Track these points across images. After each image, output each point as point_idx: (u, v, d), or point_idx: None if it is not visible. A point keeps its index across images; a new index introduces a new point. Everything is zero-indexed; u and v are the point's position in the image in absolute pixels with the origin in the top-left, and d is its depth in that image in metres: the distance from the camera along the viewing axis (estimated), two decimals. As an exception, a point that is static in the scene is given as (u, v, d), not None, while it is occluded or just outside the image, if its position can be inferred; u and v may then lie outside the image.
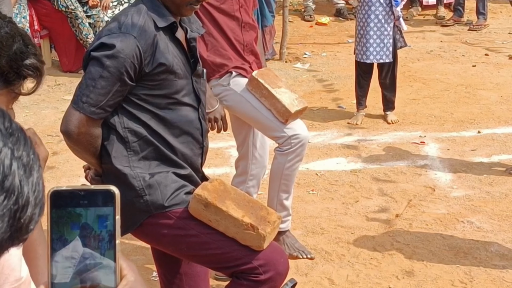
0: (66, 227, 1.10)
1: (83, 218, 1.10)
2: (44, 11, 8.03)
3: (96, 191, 1.11)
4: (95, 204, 1.10)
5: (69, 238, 1.10)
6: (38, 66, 1.62)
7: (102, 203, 1.10)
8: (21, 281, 1.50)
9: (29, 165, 0.95)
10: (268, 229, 2.73)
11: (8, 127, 0.94)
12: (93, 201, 1.10)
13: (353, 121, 6.60)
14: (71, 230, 1.10)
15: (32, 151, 0.97)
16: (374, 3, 6.30)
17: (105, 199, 1.10)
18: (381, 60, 6.38)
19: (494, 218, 4.85)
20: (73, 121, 2.67)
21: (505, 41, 9.26)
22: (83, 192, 1.10)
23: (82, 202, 1.10)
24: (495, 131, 6.40)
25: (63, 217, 1.09)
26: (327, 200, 5.15)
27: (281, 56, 8.52)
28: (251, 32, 4.05)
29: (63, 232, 1.10)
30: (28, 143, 0.96)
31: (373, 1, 6.30)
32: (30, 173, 0.95)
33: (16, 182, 0.92)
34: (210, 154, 5.74)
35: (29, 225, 0.96)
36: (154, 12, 2.73)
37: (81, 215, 1.10)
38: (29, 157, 0.96)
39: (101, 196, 1.10)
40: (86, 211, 1.10)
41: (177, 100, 2.77)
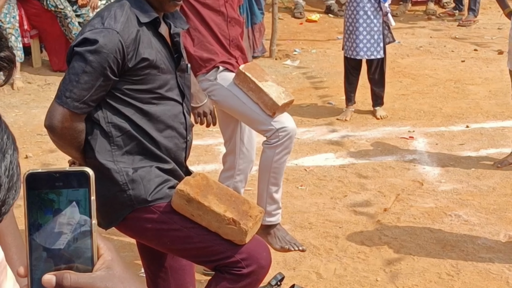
0: (40, 212, 1.11)
1: (56, 204, 1.11)
2: (33, 11, 8.03)
3: (71, 173, 1.12)
4: (70, 186, 1.11)
5: (43, 223, 1.11)
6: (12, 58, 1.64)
7: (77, 185, 1.12)
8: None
9: (2, 149, 0.95)
10: (250, 223, 2.74)
11: None
12: (68, 183, 1.11)
13: (342, 117, 6.63)
14: (44, 215, 1.12)
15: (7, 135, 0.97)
16: (362, 0, 6.32)
17: (79, 180, 1.12)
18: (372, 56, 6.40)
19: (481, 211, 4.88)
20: (57, 116, 2.69)
21: (494, 37, 9.30)
22: (58, 174, 1.11)
23: (57, 184, 1.11)
24: (483, 125, 6.44)
25: (36, 203, 1.11)
26: (315, 195, 5.18)
27: (271, 53, 8.54)
28: (236, 27, 4.07)
29: (37, 217, 1.11)
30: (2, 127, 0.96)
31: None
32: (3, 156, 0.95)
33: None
34: (199, 150, 5.80)
35: (2, 208, 0.97)
36: (137, 7, 2.75)
37: (54, 201, 1.11)
38: (3, 140, 0.96)
39: (75, 178, 1.12)
40: (58, 197, 1.11)
41: (161, 95, 2.79)
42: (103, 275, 1.10)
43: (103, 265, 1.11)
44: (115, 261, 1.13)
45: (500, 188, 5.22)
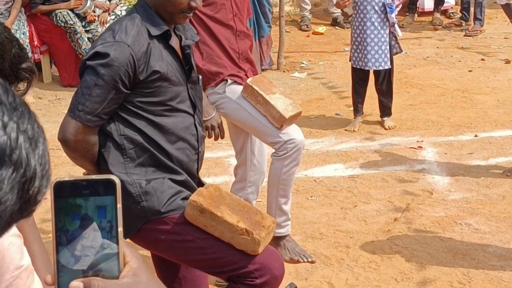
0: (67, 218, 1.14)
1: (83, 209, 1.14)
2: (43, 27, 8.09)
3: (98, 181, 1.14)
4: (96, 194, 1.13)
5: (70, 228, 1.14)
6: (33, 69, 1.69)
7: (104, 192, 1.14)
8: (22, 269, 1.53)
9: (34, 138, 0.96)
10: (262, 233, 2.76)
11: (12, 101, 0.96)
12: (94, 191, 1.13)
13: (351, 127, 6.64)
14: (71, 221, 1.14)
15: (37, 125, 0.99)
16: (369, 11, 6.35)
17: (106, 188, 1.14)
18: (380, 67, 6.43)
19: (491, 219, 4.89)
20: (70, 129, 2.72)
21: (500, 46, 9.31)
22: (84, 182, 1.14)
23: (84, 192, 1.14)
24: (492, 134, 6.44)
25: (64, 208, 1.13)
26: (325, 205, 5.19)
27: (279, 65, 8.57)
28: (245, 40, 4.10)
29: (64, 222, 1.14)
30: (32, 117, 0.99)
31: (368, 9, 6.35)
32: (35, 145, 0.96)
33: (23, 155, 0.94)
34: (209, 163, 5.83)
35: (37, 197, 0.99)
36: (148, 20, 2.78)
37: (81, 206, 1.13)
38: (34, 130, 0.97)
39: (102, 186, 1.14)
40: (85, 202, 1.14)
41: (172, 107, 2.82)
42: (130, 282, 1.12)
43: (129, 272, 1.13)
44: (141, 269, 1.15)
45: (510, 197, 5.22)
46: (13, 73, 1.64)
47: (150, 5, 2.82)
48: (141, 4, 2.86)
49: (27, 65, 1.66)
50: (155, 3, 2.81)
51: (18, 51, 1.65)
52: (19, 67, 1.65)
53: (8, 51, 1.64)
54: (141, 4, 2.85)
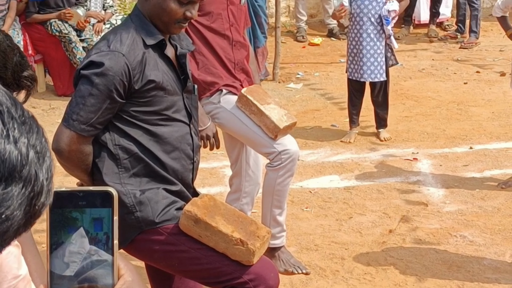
0: (64, 231, 1.12)
1: (79, 222, 1.12)
2: (37, 36, 8.08)
3: (95, 192, 1.13)
4: (93, 205, 1.12)
5: (66, 241, 1.12)
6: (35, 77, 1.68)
7: (100, 204, 1.12)
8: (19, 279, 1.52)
9: (42, 153, 0.96)
10: (257, 244, 2.75)
11: (21, 115, 0.95)
12: (91, 202, 1.12)
13: (346, 139, 6.64)
14: (68, 234, 1.12)
15: (44, 139, 0.98)
16: (365, 22, 6.36)
17: (103, 200, 1.12)
18: (375, 79, 6.43)
19: (486, 232, 4.88)
20: (64, 139, 2.71)
21: (496, 59, 9.33)
22: (81, 193, 1.12)
23: (80, 203, 1.12)
24: (487, 146, 6.45)
25: (60, 221, 1.12)
26: (321, 217, 5.18)
27: (274, 76, 8.57)
28: (242, 50, 4.10)
29: (60, 235, 1.12)
30: (40, 131, 0.98)
31: (364, 20, 6.36)
32: (43, 160, 0.95)
33: (33, 171, 0.93)
34: (204, 173, 5.81)
35: (41, 210, 0.98)
36: (143, 30, 2.77)
37: (78, 219, 1.12)
38: (42, 144, 0.96)
39: (99, 197, 1.12)
40: (82, 215, 1.12)
41: (168, 116, 2.81)
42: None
43: (123, 286, 1.12)
44: (135, 282, 1.14)
45: (505, 209, 5.21)
46: (15, 81, 1.64)
47: (145, 14, 2.81)
48: (136, 14, 2.85)
49: (28, 73, 1.66)
50: (150, 13, 2.80)
51: (20, 59, 1.65)
52: (21, 75, 1.64)
53: (10, 59, 1.63)
54: (136, 14, 2.84)
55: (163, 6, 2.76)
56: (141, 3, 2.84)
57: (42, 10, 8.08)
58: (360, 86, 6.59)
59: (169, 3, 2.75)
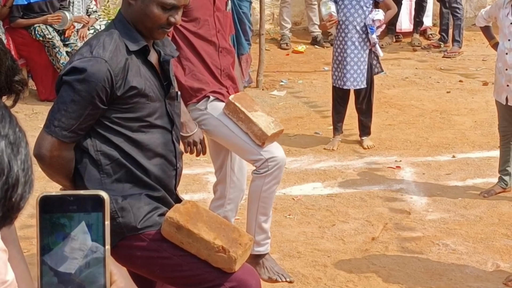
0: (51, 237, 1.10)
1: (67, 229, 1.10)
2: (21, 40, 8.04)
3: (85, 196, 1.10)
4: (83, 210, 1.09)
5: (53, 247, 1.10)
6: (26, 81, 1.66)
7: (91, 209, 1.10)
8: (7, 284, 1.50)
9: (16, 143, 0.92)
10: (239, 251, 2.74)
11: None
12: (81, 207, 1.09)
13: (330, 146, 6.64)
14: (55, 240, 1.10)
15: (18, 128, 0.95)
16: (350, 30, 6.38)
17: (94, 204, 1.10)
18: (357, 86, 6.46)
19: (468, 240, 4.90)
20: (45, 145, 2.69)
21: (479, 68, 9.38)
22: (72, 197, 1.10)
23: (71, 207, 1.09)
24: (470, 155, 6.47)
25: (48, 227, 1.09)
26: (303, 224, 5.17)
27: (258, 83, 8.57)
28: (228, 56, 4.10)
29: (48, 241, 1.10)
30: (13, 121, 0.94)
31: (349, 28, 6.38)
32: (17, 151, 0.92)
33: (5, 161, 0.89)
34: (187, 180, 5.79)
35: (20, 203, 0.94)
36: (126, 36, 2.76)
37: (65, 225, 1.10)
38: (16, 134, 0.93)
39: (90, 202, 1.10)
40: (70, 221, 1.10)
41: (150, 123, 2.80)
42: None
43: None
44: None
45: (487, 218, 5.24)
46: (7, 86, 1.61)
47: (128, 20, 2.81)
48: (119, 19, 2.84)
49: (19, 78, 1.64)
50: (134, 18, 2.79)
51: (12, 63, 1.63)
52: (13, 80, 1.62)
53: (4, 63, 1.61)
54: (120, 19, 2.83)
55: (146, 12, 2.75)
56: (124, 9, 2.84)
57: (26, 15, 8.03)
58: (344, 93, 6.61)
59: (152, 9, 2.75)
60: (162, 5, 2.75)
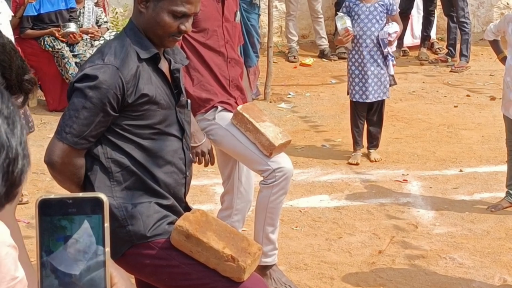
0: (51, 239, 1.10)
1: (68, 231, 1.10)
2: (30, 51, 8.07)
3: (85, 199, 1.10)
4: (83, 212, 1.09)
5: (54, 249, 1.10)
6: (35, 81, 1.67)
7: (91, 211, 1.10)
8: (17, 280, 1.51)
9: (11, 118, 0.91)
10: (248, 260, 2.74)
11: None
12: (81, 209, 1.09)
13: (353, 160, 6.56)
14: (56, 242, 1.10)
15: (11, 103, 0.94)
16: (368, 44, 6.36)
17: (93, 207, 1.10)
18: (379, 98, 6.46)
19: (476, 254, 4.88)
20: (57, 152, 2.70)
21: (486, 83, 9.37)
22: (71, 200, 1.10)
23: (70, 210, 1.10)
24: (477, 170, 6.46)
25: (49, 229, 1.09)
26: (310, 236, 5.17)
27: (266, 96, 8.58)
28: (236, 67, 4.11)
29: (49, 243, 1.10)
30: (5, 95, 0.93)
31: (367, 42, 6.36)
32: (13, 125, 0.91)
33: (3, 136, 0.89)
34: (194, 191, 5.79)
35: (21, 177, 0.94)
36: (137, 44, 2.78)
37: (66, 228, 1.10)
38: (9, 109, 0.91)
39: (89, 204, 1.10)
40: (70, 224, 1.10)
41: (161, 130, 2.81)
42: None
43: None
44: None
45: (494, 232, 5.22)
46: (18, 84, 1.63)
47: (139, 28, 2.82)
48: (130, 27, 2.86)
49: (29, 77, 1.66)
50: (145, 26, 2.81)
51: (21, 63, 1.65)
52: (23, 78, 1.64)
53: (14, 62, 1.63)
54: (131, 27, 2.85)
55: (157, 20, 2.77)
56: (135, 17, 2.85)
57: (36, 26, 8.08)
58: (365, 107, 6.57)
59: (163, 17, 2.76)
60: (173, 13, 2.76)
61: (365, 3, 6.40)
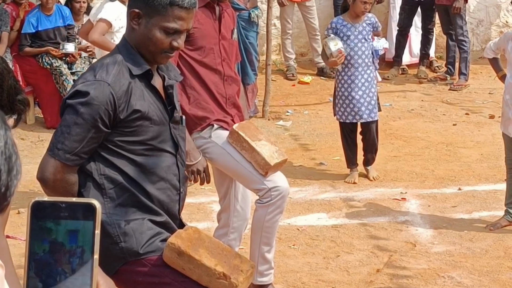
0: (37, 241, 1.09)
1: (53, 233, 1.09)
2: (28, 68, 8.08)
3: (78, 204, 1.10)
4: (75, 217, 1.09)
5: (39, 252, 1.09)
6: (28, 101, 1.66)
7: (82, 217, 1.09)
8: None
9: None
10: (240, 278, 2.72)
11: None
12: (73, 214, 1.09)
13: (350, 179, 6.51)
14: (41, 244, 1.09)
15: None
16: (360, 64, 6.36)
17: (85, 212, 1.09)
18: (369, 118, 6.43)
19: (474, 273, 4.85)
20: (49, 168, 2.68)
21: (485, 101, 9.36)
22: (64, 204, 1.09)
23: (62, 214, 1.08)
24: (476, 188, 6.44)
25: (35, 230, 1.08)
26: (308, 254, 5.13)
27: (264, 114, 8.58)
28: (233, 85, 4.10)
29: (34, 245, 1.09)
30: None
31: (359, 62, 6.36)
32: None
33: None
34: (191, 208, 5.77)
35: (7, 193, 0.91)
36: (129, 60, 2.77)
37: (51, 230, 1.09)
38: None
39: (82, 209, 1.09)
40: (56, 226, 1.09)
41: (154, 146, 2.79)
42: None
43: None
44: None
45: (493, 251, 5.19)
46: (10, 104, 1.61)
47: (132, 44, 2.81)
48: (123, 44, 2.85)
49: (22, 97, 1.64)
50: (137, 43, 2.80)
51: (14, 83, 1.63)
52: (15, 99, 1.62)
53: (6, 81, 1.61)
54: (123, 44, 2.85)
55: (149, 36, 2.76)
56: (128, 33, 2.84)
57: (34, 43, 8.09)
58: (354, 127, 6.55)
59: (155, 33, 2.75)
60: (165, 29, 2.75)
61: (353, 24, 6.39)
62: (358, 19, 6.40)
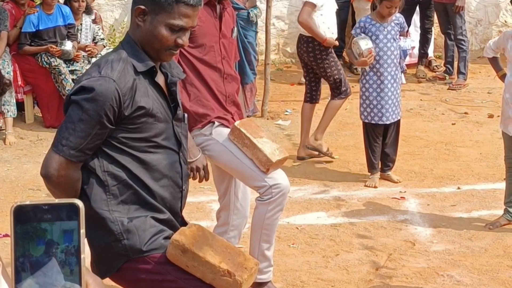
0: (32, 243, 1.08)
1: (49, 234, 1.08)
2: (28, 67, 8.07)
3: (60, 205, 1.09)
4: (59, 219, 1.08)
5: (34, 253, 1.08)
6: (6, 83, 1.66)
7: (67, 217, 1.09)
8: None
9: None
10: (245, 275, 2.72)
11: None
12: (57, 215, 1.08)
13: (371, 183, 6.43)
14: (36, 246, 1.08)
15: None
16: (389, 64, 6.31)
17: (69, 213, 1.09)
18: (396, 118, 6.43)
19: (474, 272, 4.86)
20: (53, 164, 2.68)
21: (484, 100, 9.37)
22: (46, 206, 1.08)
23: (46, 216, 1.08)
24: (475, 187, 6.44)
25: (29, 232, 1.08)
26: (307, 253, 5.14)
27: (263, 113, 8.58)
28: (233, 83, 4.10)
29: (28, 247, 1.08)
30: None
31: (388, 62, 6.30)
32: None
33: None
34: (191, 207, 5.77)
35: None
36: (134, 57, 2.77)
37: (46, 230, 1.08)
38: None
39: (65, 210, 1.09)
40: (51, 226, 1.08)
41: (157, 144, 2.80)
42: None
43: None
44: None
45: (492, 249, 5.20)
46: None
47: (136, 41, 2.82)
48: (127, 41, 2.85)
49: None
50: (142, 40, 2.80)
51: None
52: None
53: None
54: (128, 41, 2.85)
55: (154, 33, 2.76)
56: (132, 30, 2.85)
57: (34, 42, 8.08)
58: (382, 129, 6.48)
59: (160, 30, 2.76)
60: (170, 26, 2.75)
61: (382, 23, 6.37)
62: (386, 19, 6.39)
